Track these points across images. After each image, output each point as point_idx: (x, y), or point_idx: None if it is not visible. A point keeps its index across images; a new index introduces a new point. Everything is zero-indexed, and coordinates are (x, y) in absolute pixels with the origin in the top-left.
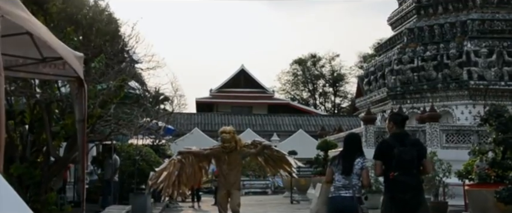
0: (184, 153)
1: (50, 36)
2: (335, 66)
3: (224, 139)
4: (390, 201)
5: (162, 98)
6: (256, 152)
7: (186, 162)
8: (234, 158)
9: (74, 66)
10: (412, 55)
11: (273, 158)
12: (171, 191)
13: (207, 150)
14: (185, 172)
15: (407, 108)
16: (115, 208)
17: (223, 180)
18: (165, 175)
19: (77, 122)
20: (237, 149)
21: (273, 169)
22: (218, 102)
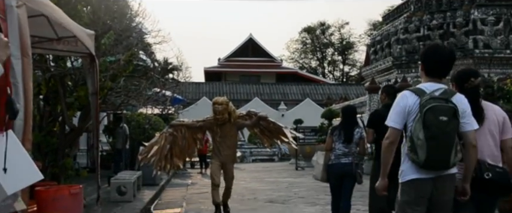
0: (176, 126)
1: (65, 17)
2: (344, 34)
3: (216, 110)
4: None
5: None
6: (252, 124)
7: (179, 135)
8: (228, 130)
9: (86, 43)
10: (418, 24)
11: (269, 130)
12: (162, 164)
13: (199, 122)
14: (178, 144)
15: (412, 77)
16: (126, 173)
17: (217, 152)
18: (156, 148)
19: (90, 95)
20: (231, 120)
21: (270, 139)
22: (226, 71)
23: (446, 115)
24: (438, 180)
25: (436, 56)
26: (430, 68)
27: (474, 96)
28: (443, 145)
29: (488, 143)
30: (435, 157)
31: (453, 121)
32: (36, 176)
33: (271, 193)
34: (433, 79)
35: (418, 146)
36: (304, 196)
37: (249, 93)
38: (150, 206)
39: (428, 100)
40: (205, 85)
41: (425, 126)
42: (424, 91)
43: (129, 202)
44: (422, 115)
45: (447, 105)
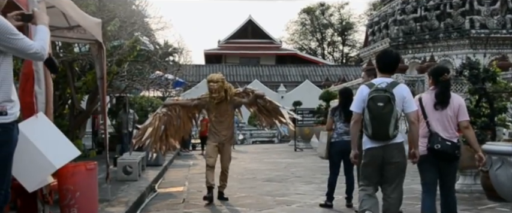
0: (170, 105)
1: (75, 8)
2: (344, 14)
3: (211, 89)
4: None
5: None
6: (249, 102)
7: (173, 114)
8: (224, 109)
9: (94, 32)
10: (415, 5)
11: (267, 109)
12: (158, 146)
13: (194, 100)
14: (173, 124)
15: (409, 58)
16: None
17: (213, 132)
18: (151, 131)
19: (98, 79)
20: (228, 98)
21: (268, 119)
22: (226, 53)
23: (383, 101)
24: (386, 148)
25: (386, 59)
26: (381, 67)
27: (446, 87)
28: (381, 123)
29: (445, 123)
30: (378, 131)
31: (388, 106)
32: (75, 152)
33: (269, 173)
34: (384, 75)
35: (367, 124)
36: (301, 176)
37: (249, 75)
38: (155, 184)
39: (372, 92)
40: (205, 68)
41: (369, 110)
42: (373, 84)
43: (134, 181)
44: (367, 102)
45: (384, 94)
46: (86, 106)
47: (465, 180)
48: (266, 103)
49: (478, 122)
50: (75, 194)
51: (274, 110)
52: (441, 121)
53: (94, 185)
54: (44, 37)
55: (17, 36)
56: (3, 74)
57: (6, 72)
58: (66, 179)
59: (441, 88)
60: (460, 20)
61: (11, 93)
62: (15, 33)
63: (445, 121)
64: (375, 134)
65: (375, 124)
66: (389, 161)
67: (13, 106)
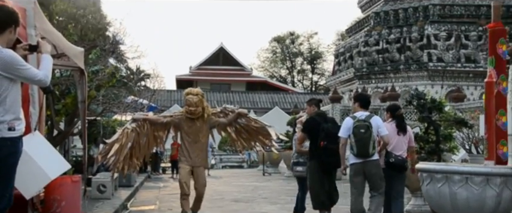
0: (139, 120)
1: (62, 40)
2: (313, 44)
3: (190, 101)
4: (319, 163)
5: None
6: (228, 122)
7: (141, 131)
8: (200, 128)
9: (77, 60)
10: (377, 37)
11: (248, 129)
12: (121, 166)
13: (167, 117)
14: (139, 142)
15: (372, 88)
16: (105, 174)
17: (186, 154)
18: (117, 148)
19: (79, 102)
20: (204, 116)
21: (246, 142)
22: (197, 79)
23: (364, 128)
24: (366, 163)
25: (364, 98)
26: (361, 104)
27: (402, 119)
28: (363, 144)
29: (401, 145)
30: (361, 151)
31: (367, 132)
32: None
33: (237, 194)
34: (362, 109)
35: (353, 145)
36: (267, 197)
37: (220, 100)
38: (127, 202)
39: (355, 122)
40: (176, 93)
41: (354, 135)
42: (356, 116)
43: (108, 199)
44: (353, 130)
45: (364, 123)
46: (64, 128)
47: (416, 201)
48: (250, 122)
49: (426, 148)
50: (61, 203)
51: (256, 131)
52: (399, 143)
53: (78, 195)
54: (48, 66)
55: (25, 67)
56: (13, 98)
57: (15, 96)
58: (54, 189)
59: (398, 120)
60: (419, 53)
61: (19, 113)
62: (23, 64)
63: (402, 143)
64: (359, 152)
65: (359, 145)
66: (370, 174)
67: (20, 123)
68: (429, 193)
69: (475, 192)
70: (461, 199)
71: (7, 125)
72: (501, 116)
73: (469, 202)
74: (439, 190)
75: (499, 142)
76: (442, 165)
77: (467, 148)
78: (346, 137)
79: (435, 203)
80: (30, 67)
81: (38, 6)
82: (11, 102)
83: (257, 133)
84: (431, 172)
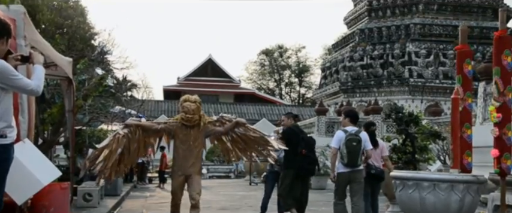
0: (132, 126)
1: (51, 50)
2: (301, 57)
3: (187, 108)
4: (297, 170)
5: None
6: (225, 131)
7: (132, 137)
8: (195, 136)
9: (66, 70)
10: (362, 53)
11: (245, 139)
12: (108, 173)
13: (161, 124)
14: (129, 149)
15: (357, 101)
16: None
17: (179, 163)
18: (106, 153)
19: (66, 112)
20: (201, 124)
21: (242, 152)
22: (185, 89)
23: (355, 141)
24: (353, 172)
25: (354, 114)
26: (351, 120)
27: (373, 135)
28: (354, 155)
29: (378, 157)
30: (351, 161)
31: (359, 145)
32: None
33: (224, 203)
34: (352, 124)
35: (344, 156)
36: (253, 205)
37: (208, 112)
38: (113, 211)
39: (348, 135)
40: (164, 103)
41: (346, 147)
42: (347, 130)
43: (94, 208)
44: (345, 142)
45: (356, 137)
46: (49, 137)
47: (394, 208)
48: (248, 131)
49: (403, 158)
50: (49, 209)
51: (256, 140)
52: (375, 155)
53: (66, 202)
54: (40, 76)
55: (17, 77)
56: (5, 107)
57: (7, 105)
58: (42, 196)
59: (371, 135)
60: (401, 69)
61: (11, 121)
62: (15, 74)
63: (378, 156)
64: (349, 163)
65: (350, 156)
66: (355, 181)
67: (12, 131)
68: (402, 198)
69: (441, 197)
70: (429, 203)
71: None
72: (467, 130)
73: (436, 206)
74: (410, 195)
75: (464, 153)
76: (413, 173)
77: (442, 159)
78: (337, 147)
79: (407, 207)
80: (22, 77)
81: (27, 17)
82: (3, 111)
83: (255, 142)
84: (404, 179)
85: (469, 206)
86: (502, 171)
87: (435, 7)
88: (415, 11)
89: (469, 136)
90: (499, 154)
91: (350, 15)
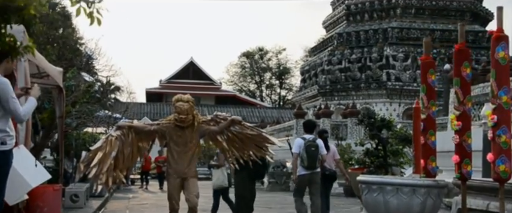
0: (124, 128)
1: (45, 61)
2: (281, 59)
3: (180, 109)
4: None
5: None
6: (220, 130)
7: (126, 140)
8: (189, 137)
9: (57, 79)
10: (340, 57)
11: (241, 138)
12: (105, 178)
13: (153, 125)
14: (123, 152)
15: (335, 104)
16: (78, 185)
17: (174, 166)
18: (100, 156)
19: (57, 118)
20: (195, 125)
21: (239, 151)
22: (167, 92)
23: (313, 147)
24: (312, 174)
25: (310, 124)
26: (306, 129)
27: (326, 141)
28: (313, 159)
29: (330, 160)
30: (311, 164)
31: (316, 150)
32: (47, 176)
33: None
34: (308, 133)
35: (304, 160)
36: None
37: None
38: (99, 212)
39: (307, 142)
40: (146, 106)
41: (306, 152)
42: (305, 138)
43: (80, 208)
44: (305, 147)
45: (314, 143)
46: (40, 141)
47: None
48: (244, 129)
49: (375, 162)
50: (43, 209)
51: (253, 138)
52: (328, 158)
53: (58, 202)
54: (30, 107)
55: (14, 99)
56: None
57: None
58: (37, 197)
59: (324, 141)
60: (378, 73)
61: (9, 131)
62: (14, 96)
63: (330, 159)
64: (309, 166)
65: (310, 160)
66: (313, 182)
67: (11, 139)
68: (367, 201)
69: (404, 201)
70: (392, 206)
71: (0, 141)
72: (431, 136)
73: (399, 209)
74: (375, 199)
75: (429, 158)
76: (378, 177)
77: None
78: (298, 153)
79: (372, 209)
80: (17, 102)
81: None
82: (3, 122)
83: (252, 140)
84: (369, 184)
85: (431, 208)
86: (462, 176)
87: (413, 11)
88: (392, 15)
89: (433, 142)
90: (459, 160)
91: (328, 19)
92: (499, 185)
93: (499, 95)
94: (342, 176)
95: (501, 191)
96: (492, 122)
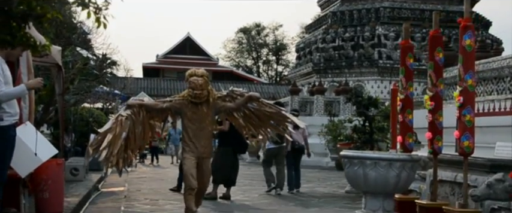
0: (134, 106)
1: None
2: (278, 35)
3: (194, 84)
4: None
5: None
6: (236, 107)
7: (136, 119)
8: (205, 114)
9: (56, 58)
10: (334, 35)
11: (259, 115)
12: (115, 160)
13: (166, 102)
14: (134, 132)
15: (329, 82)
16: (78, 159)
17: (190, 145)
18: (110, 138)
19: (57, 95)
20: (210, 101)
21: (256, 129)
22: (164, 67)
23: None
24: (278, 148)
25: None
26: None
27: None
28: (280, 136)
29: (299, 137)
30: (278, 140)
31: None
32: (54, 151)
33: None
34: None
35: (273, 135)
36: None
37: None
38: (98, 184)
39: None
40: (143, 81)
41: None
42: None
43: (81, 181)
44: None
45: None
46: (40, 116)
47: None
48: (263, 106)
49: (362, 138)
50: (47, 182)
51: (271, 116)
52: (297, 135)
53: (61, 176)
54: (14, 93)
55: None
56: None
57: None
58: (41, 170)
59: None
60: (371, 51)
61: (6, 108)
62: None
63: (299, 136)
64: (276, 141)
65: (278, 136)
66: (279, 155)
67: (9, 116)
68: (349, 174)
69: (381, 173)
70: (371, 178)
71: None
72: (408, 115)
73: (377, 180)
74: (355, 171)
75: (406, 135)
76: (358, 152)
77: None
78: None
79: (353, 182)
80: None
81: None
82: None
83: (270, 118)
84: (350, 158)
85: (405, 180)
86: (434, 151)
87: None
88: None
89: (410, 120)
90: (432, 137)
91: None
92: (463, 158)
93: (465, 78)
94: (334, 151)
95: (465, 164)
96: (458, 102)
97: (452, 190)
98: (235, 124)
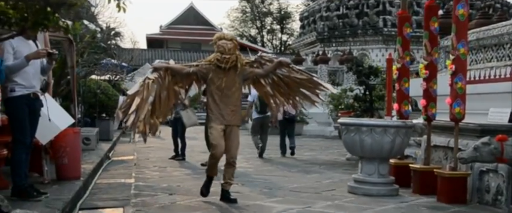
0: (161, 69)
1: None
2: (282, 4)
3: (224, 47)
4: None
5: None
6: (265, 73)
7: (162, 83)
8: (232, 80)
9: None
10: (338, 3)
11: (288, 82)
12: (142, 126)
13: (192, 67)
14: (160, 96)
15: (332, 51)
16: (89, 129)
17: (217, 112)
18: (138, 102)
19: (69, 68)
20: (238, 66)
21: (284, 97)
22: (168, 38)
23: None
24: (263, 118)
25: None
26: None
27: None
28: (264, 106)
29: (290, 106)
30: (263, 110)
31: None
32: (70, 120)
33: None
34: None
35: (258, 106)
36: None
37: (191, 60)
38: (109, 153)
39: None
40: (147, 52)
41: (259, 100)
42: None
43: (92, 150)
44: (258, 97)
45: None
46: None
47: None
48: (292, 73)
49: (362, 106)
50: (65, 149)
51: (302, 83)
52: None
53: (78, 143)
54: (15, 65)
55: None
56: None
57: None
58: (60, 138)
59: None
60: (375, 19)
61: (18, 80)
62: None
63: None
64: (261, 111)
65: (262, 107)
66: (264, 124)
67: (22, 87)
68: (346, 141)
69: (376, 139)
70: (367, 144)
71: (9, 89)
72: (404, 83)
73: (373, 146)
74: (352, 138)
75: (402, 103)
76: (355, 120)
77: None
78: (253, 101)
79: (350, 147)
80: (6, 53)
81: None
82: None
83: (300, 85)
84: (347, 125)
85: (400, 145)
86: (428, 118)
87: None
88: None
89: (406, 89)
90: (426, 104)
91: None
92: (454, 124)
93: (457, 47)
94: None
95: (456, 129)
96: (451, 70)
97: (446, 155)
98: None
